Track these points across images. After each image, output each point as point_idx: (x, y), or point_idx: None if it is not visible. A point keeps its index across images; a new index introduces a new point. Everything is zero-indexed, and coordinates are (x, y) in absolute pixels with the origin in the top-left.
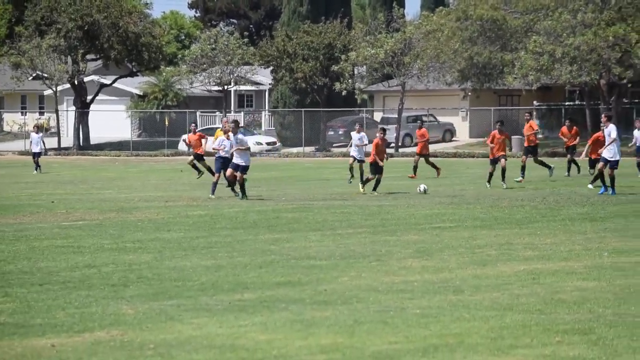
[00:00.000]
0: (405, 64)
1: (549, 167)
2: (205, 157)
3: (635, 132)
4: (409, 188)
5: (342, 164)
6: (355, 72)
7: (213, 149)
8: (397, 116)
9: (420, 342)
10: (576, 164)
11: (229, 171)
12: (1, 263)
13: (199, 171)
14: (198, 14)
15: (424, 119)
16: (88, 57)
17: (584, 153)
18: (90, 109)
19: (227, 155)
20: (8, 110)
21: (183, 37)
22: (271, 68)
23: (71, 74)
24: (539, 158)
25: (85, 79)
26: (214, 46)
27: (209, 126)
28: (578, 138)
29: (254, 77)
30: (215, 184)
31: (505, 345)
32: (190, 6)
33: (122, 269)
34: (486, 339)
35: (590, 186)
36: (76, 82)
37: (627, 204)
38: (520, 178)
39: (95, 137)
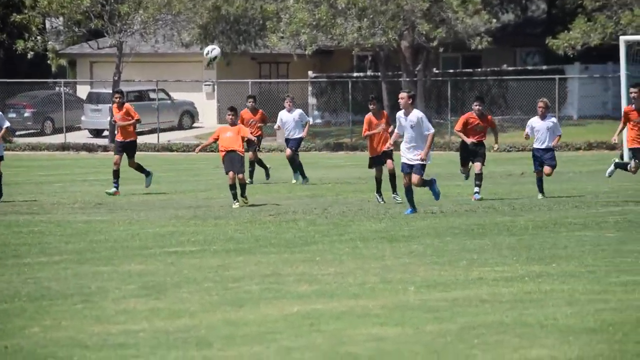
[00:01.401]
0: (122, 15)
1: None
2: None
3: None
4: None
5: (30, 160)
6: (48, 25)
7: None
8: (110, 92)
9: None
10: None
11: None
12: None
13: None
14: None
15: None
16: None
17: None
18: None
19: None
20: None
21: None
22: None
23: None
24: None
25: None
26: None
27: None
28: None
29: None
30: None
31: None
32: None
33: None
34: None
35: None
36: None
37: (440, 217)
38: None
39: None
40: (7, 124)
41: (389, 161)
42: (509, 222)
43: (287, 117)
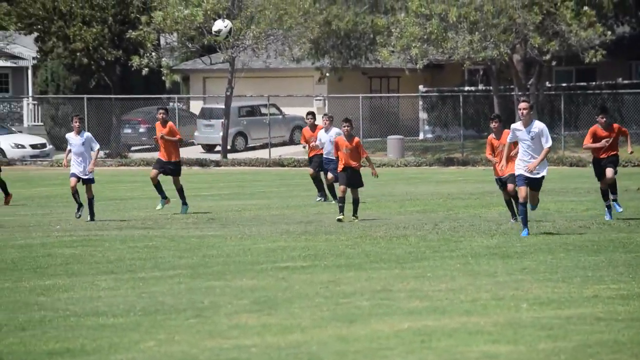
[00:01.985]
0: (235, 31)
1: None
2: None
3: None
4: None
5: (145, 175)
6: (162, 42)
7: None
8: (224, 107)
9: None
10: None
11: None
12: None
13: None
14: None
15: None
16: None
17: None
18: None
19: None
20: None
21: None
22: (36, 35)
23: None
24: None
25: None
26: None
27: None
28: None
29: (9, 47)
30: None
31: None
32: None
33: None
34: None
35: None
36: None
37: (553, 233)
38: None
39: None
40: (97, 145)
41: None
42: (624, 238)
43: (324, 137)
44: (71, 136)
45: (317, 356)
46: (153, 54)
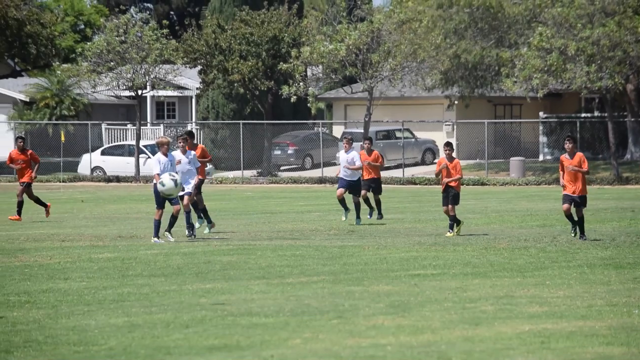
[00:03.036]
0: (374, 64)
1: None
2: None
3: None
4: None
5: (292, 191)
6: (309, 73)
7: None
8: (362, 131)
9: None
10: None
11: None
12: None
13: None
14: None
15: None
16: None
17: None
18: None
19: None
20: None
21: (83, 27)
22: (199, 68)
23: None
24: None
25: None
26: (123, 38)
27: (119, 142)
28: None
29: (177, 79)
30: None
31: None
32: None
33: (3, 330)
34: None
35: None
36: None
37: None
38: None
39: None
40: (198, 164)
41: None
42: None
43: (343, 157)
44: (177, 154)
45: (445, 355)
46: (301, 84)
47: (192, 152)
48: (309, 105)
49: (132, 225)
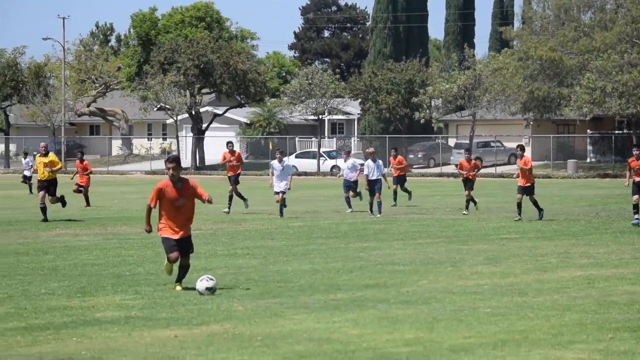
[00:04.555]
0: (476, 97)
1: (409, 193)
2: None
3: None
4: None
5: (422, 182)
6: (432, 103)
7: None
8: (468, 142)
9: (491, 337)
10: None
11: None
12: (132, 266)
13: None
14: (297, 54)
15: (492, 144)
16: (203, 91)
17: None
18: (205, 135)
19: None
20: (137, 136)
21: (284, 74)
22: (359, 100)
23: (189, 105)
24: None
25: (201, 110)
26: (310, 81)
27: (307, 150)
28: (476, 170)
29: (344, 107)
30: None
31: (565, 340)
32: (290, 47)
33: (233, 272)
34: (547, 335)
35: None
36: (193, 112)
37: None
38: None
39: (209, 159)
40: (294, 170)
41: None
42: None
43: (343, 165)
44: (275, 163)
45: (524, 291)
46: (427, 110)
47: (287, 161)
48: (432, 125)
49: (314, 204)
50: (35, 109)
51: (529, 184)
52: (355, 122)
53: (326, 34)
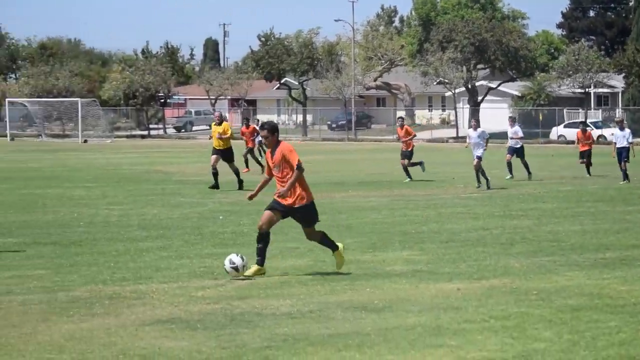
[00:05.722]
0: None
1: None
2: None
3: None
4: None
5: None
6: None
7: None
8: None
9: None
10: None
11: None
12: (417, 225)
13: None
14: (564, 32)
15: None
16: (479, 66)
17: None
18: (481, 107)
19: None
20: (418, 108)
21: (552, 50)
22: (623, 74)
23: (465, 79)
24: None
25: (476, 84)
26: (577, 57)
27: (574, 120)
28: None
29: (609, 81)
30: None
31: None
32: (558, 26)
33: (508, 231)
34: None
35: None
36: (469, 86)
37: None
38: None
39: (486, 128)
40: (487, 135)
41: None
42: None
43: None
44: (470, 132)
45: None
46: None
47: (481, 129)
48: None
49: (579, 171)
50: (329, 83)
51: None
52: (620, 95)
53: (591, 13)
